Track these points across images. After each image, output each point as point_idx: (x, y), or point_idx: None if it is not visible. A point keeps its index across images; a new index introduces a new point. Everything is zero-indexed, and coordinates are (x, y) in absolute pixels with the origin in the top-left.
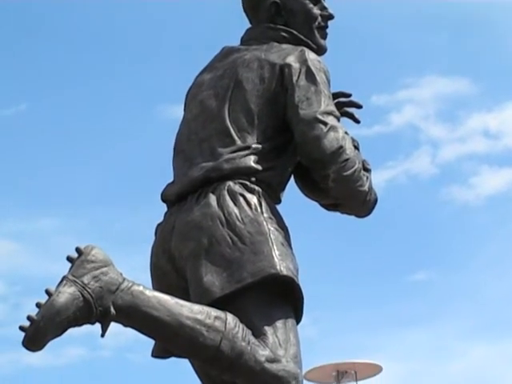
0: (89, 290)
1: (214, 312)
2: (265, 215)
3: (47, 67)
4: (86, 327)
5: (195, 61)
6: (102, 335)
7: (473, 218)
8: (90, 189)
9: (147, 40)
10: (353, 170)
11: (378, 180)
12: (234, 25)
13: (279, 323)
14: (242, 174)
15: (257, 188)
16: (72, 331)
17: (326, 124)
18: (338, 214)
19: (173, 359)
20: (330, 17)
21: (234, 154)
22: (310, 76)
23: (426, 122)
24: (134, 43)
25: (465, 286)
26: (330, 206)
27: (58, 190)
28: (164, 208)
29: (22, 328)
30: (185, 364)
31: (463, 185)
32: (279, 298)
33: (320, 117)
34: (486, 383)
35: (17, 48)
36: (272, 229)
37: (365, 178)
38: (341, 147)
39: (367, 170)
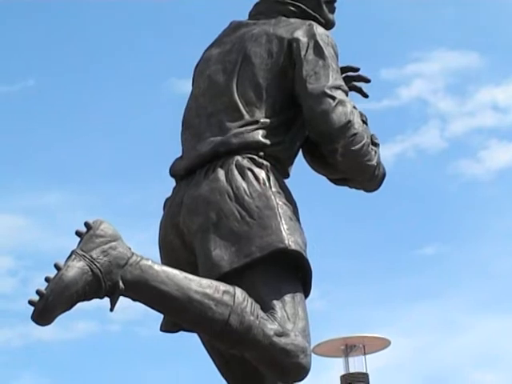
0: (97, 265)
1: (222, 286)
2: (273, 189)
3: (55, 42)
4: (96, 301)
5: (203, 35)
6: (111, 309)
7: (482, 192)
8: (98, 164)
9: (155, 14)
10: (361, 144)
11: (387, 154)
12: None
13: (288, 297)
14: (251, 148)
15: (265, 162)
16: (81, 305)
17: (334, 98)
18: (346, 188)
19: (181, 333)
20: None
21: (243, 129)
22: (318, 50)
23: (434, 96)
24: (143, 18)
25: (474, 260)
26: (339, 181)
27: (66, 165)
28: (173, 183)
29: (31, 302)
30: (193, 338)
31: (472, 159)
32: (288, 272)
33: (328, 91)
34: (494, 357)
35: (23, 22)
36: (280, 203)
37: (373, 153)
38: (349, 122)
39: (375, 144)
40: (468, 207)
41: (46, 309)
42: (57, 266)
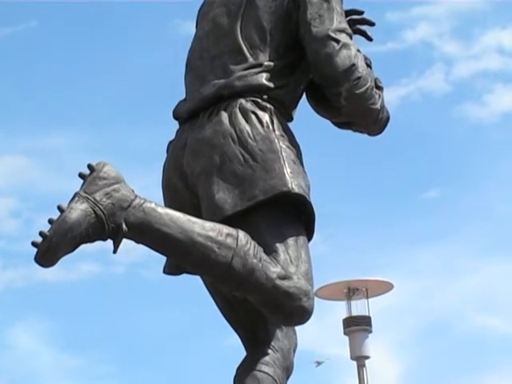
0: (101, 207)
1: (225, 229)
2: (276, 133)
3: None
4: (99, 243)
5: None
6: (114, 252)
7: (486, 136)
8: (103, 106)
9: None
10: (365, 88)
11: (391, 97)
12: None
13: (290, 240)
14: (254, 91)
15: (269, 106)
16: (85, 247)
17: (338, 42)
18: (350, 132)
19: (184, 275)
20: None
21: (246, 72)
22: None
23: (439, 39)
24: None
25: (478, 204)
26: (342, 124)
27: (71, 107)
28: (176, 126)
29: (34, 244)
30: (196, 280)
31: (477, 102)
32: (291, 215)
33: (332, 34)
34: (497, 300)
35: None
36: (284, 146)
37: (377, 96)
38: (353, 65)
39: (379, 88)
40: (472, 151)
41: (49, 250)
42: (60, 208)
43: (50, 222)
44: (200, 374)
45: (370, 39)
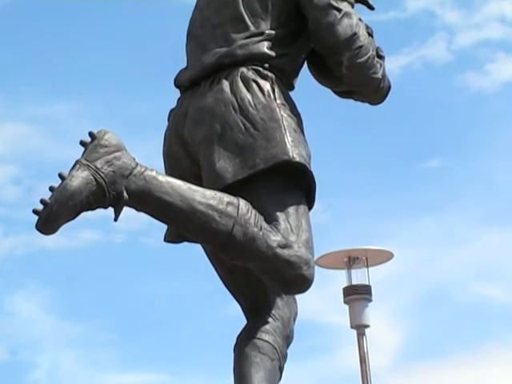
0: (102, 175)
1: (226, 197)
2: (278, 101)
3: None
4: (100, 211)
5: None
6: (115, 220)
7: (488, 105)
8: (105, 74)
9: None
10: (366, 57)
11: (393, 66)
12: None
13: (291, 209)
14: (256, 60)
15: (270, 74)
16: (86, 215)
17: (339, 10)
18: (351, 101)
19: (185, 244)
20: None
21: (248, 40)
22: None
23: (441, 7)
24: None
25: (479, 173)
26: (344, 93)
27: (73, 74)
28: (178, 94)
29: (35, 211)
30: (197, 249)
31: (478, 71)
32: (291, 184)
33: (334, 3)
34: (497, 270)
35: None
36: (285, 115)
37: (378, 66)
38: (354, 34)
39: (381, 57)
40: (473, 120)
41: (49, 218)
42: (61, 176)
43: (51, 189)
44: (201, 342)
45: (371, 8)
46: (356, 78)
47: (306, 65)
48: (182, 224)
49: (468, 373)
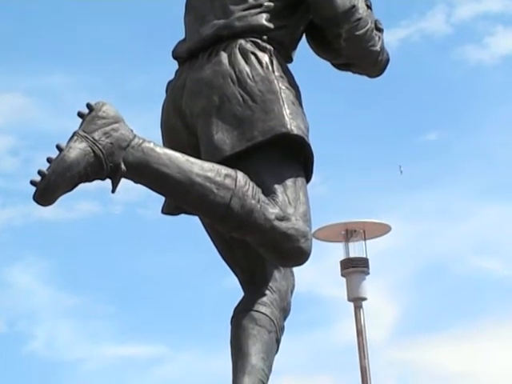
0: (99, 146)
1: (224, 170)
2: (276, 74)
3: None
4: (98, 182)
5: None
6: (113, 191)
7: (486, 79)
8: (104, 46)
9: None
10: (365, 29)
11: (392, 39)
12: None
13: (289, 182)
14: (254, 32)
15: (268, 46)
16: (83, 186)
17: None
18: (349, 73)
19: (183, 216)
20: None
21: (246, 12)
22: None
23: None
24: None
25: (477, 147)
26: (342, 66)
27: (71, 46)
28: (176, 66)
29: (32, 182)
30: (194, 221)
31: (477, 44)
32: (289, 157)
33: None
34: (494, 243)
35: None
36: (283, 87)
37: (377, 38)
38: (353, 6)
39: (379, 29)
40: (472, 93)
41: (47, 189)
42: (59, 147)
43: (49, 160)
44: (198, 314)
45: None
46: (354, 50)
47: (304, 37)
48: (180, 196)
49: (465, 346)
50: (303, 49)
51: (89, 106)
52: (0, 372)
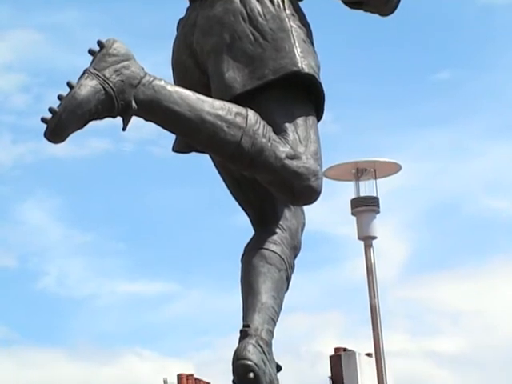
0: (110, 84)
1: (235, 108)
2: (287, 12)
3: None
4: (109, 120)
5: None
6: (124, 129)
7: (500, 17)
8: None
9: None
10: None
11: None
12: None
13: (300, 120)
14: None
15: None
16: (95, 123)
17: None
18: (361, 12)
19: (193, 154)
20: None
21: None
22: None
23: None
24: None
25: (489, 86)
26: (354, 4)
27: None
28: (187, 3)
29: (43, 120)
30: (205, 159)
31: None
32: (300, 95)
33: None
34: (506, 183)
35: None
36: (294, 26)
37: None
38: None
39: None
40: (485, 32)
41: (58, 126)
42: (70, 85)
43: (60, 98)
44: (209, 252)
45: None
46: None
47: None
48: (191, 134)
49: (474, 285)
50: None
51: (99, 43)
52: (12, 307)
